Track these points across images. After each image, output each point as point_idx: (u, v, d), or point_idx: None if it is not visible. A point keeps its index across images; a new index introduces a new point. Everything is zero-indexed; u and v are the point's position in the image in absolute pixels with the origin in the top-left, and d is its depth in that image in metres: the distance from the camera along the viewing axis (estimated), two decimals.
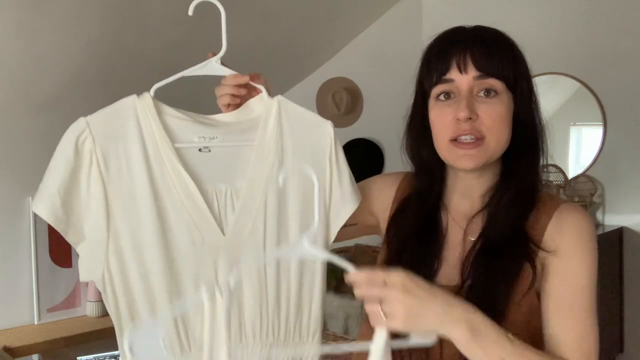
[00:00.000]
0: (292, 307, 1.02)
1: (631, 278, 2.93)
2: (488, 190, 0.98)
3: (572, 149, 3.27)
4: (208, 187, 0.99)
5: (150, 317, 0.94)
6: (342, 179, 1.04)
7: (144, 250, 0.94)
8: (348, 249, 3.75)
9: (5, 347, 2.43)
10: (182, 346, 0.97)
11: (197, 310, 0.96)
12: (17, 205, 2.73)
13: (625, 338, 2.94)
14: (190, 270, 0.97)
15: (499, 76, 0.92)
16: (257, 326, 1.00)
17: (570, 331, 0.91)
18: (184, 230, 0.96)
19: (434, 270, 0.96)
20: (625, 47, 2.93)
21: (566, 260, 0.93)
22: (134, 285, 0.94)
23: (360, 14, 3.62)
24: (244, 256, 0.99)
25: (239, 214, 0.99)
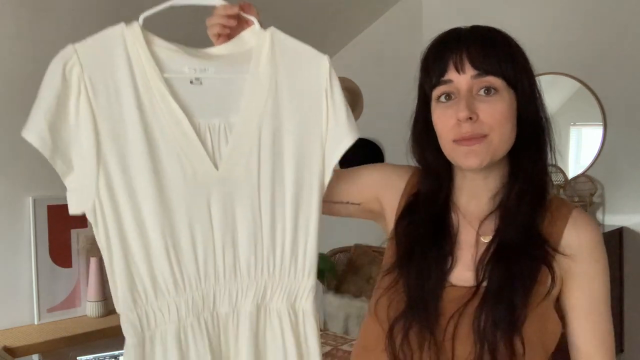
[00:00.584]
0: (287, 246, 1.00)
1: (631, 278, 2.94)
2: (497, 191, 0.97)
3: (572, 149, 3.27)
4: (200, 121, 0.96)
5: (143, 254, 0.92)
6: (338, 114, 1.01)
7: (135, 181, 0.92)
8: (348, 249, 3.76)
9: (5, 347, 2.43)
10: (177, 284, 0.95)
11: (191, 246, 0.95)
12: (17, 205, 2.73)
13: (625, 338, 2.94)
14: (183, 204, 0.94)
15: (497, 73, 0.91)
16: (252, 263, 0.98)
17: (594, 342, 0.95)
18: (176, 163, 0.94)
19: (447, 270, 0.95)
20: (625, 47, 2.93)
21: (586, 270, 0.95)
22: (125, 217, 0.92)
23: (360, 14, 3.62)
24: (237, 192, 0.96)
25: (232, 149, 0.97)
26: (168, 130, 0.94)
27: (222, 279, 0.97)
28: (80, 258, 2.94)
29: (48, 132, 0.90)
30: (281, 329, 1.00)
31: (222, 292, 0.97)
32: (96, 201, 0.91)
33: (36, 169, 2.84)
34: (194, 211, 0.95)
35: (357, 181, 1.09)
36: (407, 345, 0.91)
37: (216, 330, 0.97)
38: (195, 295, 0.96)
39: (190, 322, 0.96)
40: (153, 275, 0.94)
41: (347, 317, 3.28)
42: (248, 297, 0.98)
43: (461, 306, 0.91)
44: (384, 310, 0.95)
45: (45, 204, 2.79)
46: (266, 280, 0.99)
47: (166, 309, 0.94)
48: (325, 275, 3.51)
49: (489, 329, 0.88)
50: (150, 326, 0.94)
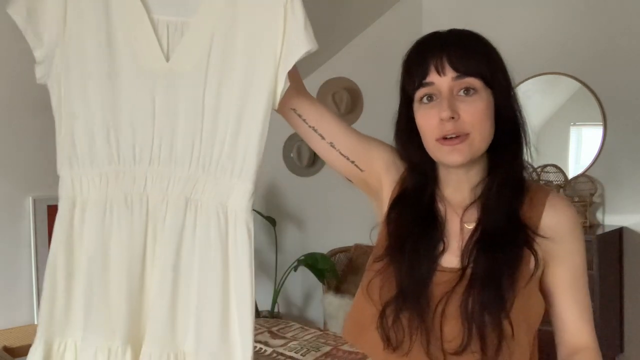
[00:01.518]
0: (227, 145, 1.03)
1: (631, 278, 2.94)
2: (478, 183, 1.03)
3: (572, 149, 3.27)
4: (159, 17, 1.05)
5: (86, 124, 1.03)
6: (297, 25, 1.04)
7: (88, 62, 1.03)
8: (348, 249, 3.76)
9: (5, 347, 2.43)
10: (111, 158, 1.03)
11: (130, 127, 1.03)
12: (17, 205, 2.73)
13: (625, 338, 2.94)
14: (130, 89, 1.03)
15: (475, 74, 0.97)
16: (188, 155, 1.03)
17: (577, 314, 1.02)
18: (129, 51, 1.03)
19: (438, 254, 1.01)
20: (625, 47, 2.93)
21: (567, 248, 1.01)
22: (75, 91, 1.03)
23: (360, 14, 3.63)
24: (184, 85, 1.03)
25: (184, 45, 1.04)
26: (128, 21, 1.04)
27: (156, 164, 1.03)
28: None
29: (25, 8, 1.01)
30: (208, 225, 1.02)
31: (155, 176, 1.03)
32: (54, 73, 1.04)
33: (36, 169, 2.84)
34: (139, 97, 1.03)
35: (369, 149, 1.13)
36: (398, 327, 0.96)
37: (143, 212, 1.03)
38: (127, 173, 1.03)
39: (117, 196, 1.03)
40: (92, 143, 1.03)
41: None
42: (179, 186, 1.03)
43: (449, 289, 0.96)
44: (376, 292, 1.01)
45: (45, 204, 2.79)
46: (200, 174, 1.03)
47: (97, 179, 1.03)
48: (325, 275, 3.51)
49: (477, 311, 0.93)
50: (82, 192, 1.03)
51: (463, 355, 0.92)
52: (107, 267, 1.01)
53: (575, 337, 1.01)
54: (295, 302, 4.07)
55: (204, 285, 1.01)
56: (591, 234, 2.74)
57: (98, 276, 1.01)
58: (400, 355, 0.97)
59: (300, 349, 2.49)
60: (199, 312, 1.01)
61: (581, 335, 1.01)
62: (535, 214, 1.01)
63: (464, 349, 0.92)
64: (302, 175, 4.00)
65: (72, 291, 1.02)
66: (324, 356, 2.42)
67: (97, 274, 1.01)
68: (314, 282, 3.73)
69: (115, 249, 1.01)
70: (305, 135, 1.12)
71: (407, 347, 0.96)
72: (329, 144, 1.10)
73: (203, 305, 1.00)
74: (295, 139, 3.85)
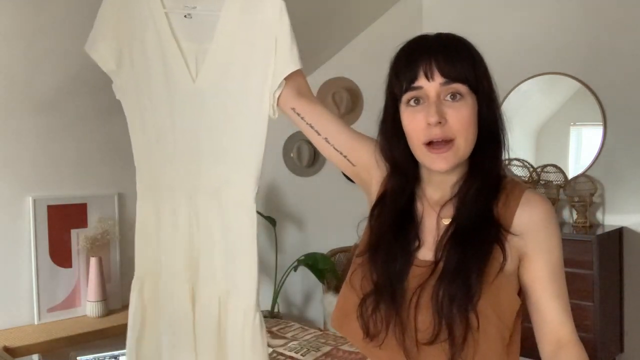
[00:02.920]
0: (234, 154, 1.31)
1: (631, 278, 2.94)
2: (457, 181, 1.08)
3: (572, 149, 3.27)
4: (186, 45, 1.30)
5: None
6: (282, 48, 1.26)
7: (142, 88, 1.32)
8: (348, 249, 3.76)
9: (5, 347, 2.43)
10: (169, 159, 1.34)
11: (172, 137, 1.32)
12: (17, 205, 2.73)
13: (625, 338, 2.94)
14: (163, 111, 1.30)
15: (462, 80, 1.01)
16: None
17: (557, 308, 1.03)
18: (162, 74, 1.30)
19: (414, 250, 1.06)
20: (625, 47, 2.93)
21: (542, 244, 1.04)
22: (135, 111, 1.33)
23: (360, 14, 3.62)
24: (204, 98, 1.29)
25: (207, 69, 1.29)
26: (164, 50, 1.30)
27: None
28: (80, 258, 2.94)
29: (103, 42, 1.30)
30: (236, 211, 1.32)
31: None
32: (124, 92, 1.33)
33: (36, 169, 2.84)
34: (176, 116, 1.31)
35: (360, 146, 1.21)
36: (376, 318, 1.02)
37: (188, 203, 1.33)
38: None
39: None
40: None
41: None
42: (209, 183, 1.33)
43: (422, 282, 1.01)
44: (358, 281, 1.07)
45: (45, 204, 2.79)
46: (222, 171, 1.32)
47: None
48: (325, 275, 3.51)
49: (446, 303, 0.97)
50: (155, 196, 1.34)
51: (434, 345, 0.97)
52: (175, 235, 1.34)
53: (557, 331, 1.03)
54: (295, 302, 4.07)
55: (239, 244, 1.31)
56: (591, 234, 2.74)
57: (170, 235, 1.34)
58: (375, 345, 1.02)
59: (300, 349, 2.49)
60: (236, 262, 1.31)
61: (562, 328, 1.02)
62: (509, 211, 1.04)
63: (434, 339, 0.97)
64: (302, 175, 4.00)
65: (159, 243, 1.35)
66: (324, 356, 2.42)
67: (169, 237, 1.34)
68: (314, 282, 3.73)
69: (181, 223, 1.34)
70: (305, 131, 1.25)
71: (383, 337, 1.01)
72: (324, 139, 1.22)
73: (239, 257, 1.31)
74: (295, 139, 3.85)
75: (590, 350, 1.04)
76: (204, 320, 1.33)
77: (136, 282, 1.36)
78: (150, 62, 1.30)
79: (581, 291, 2.64)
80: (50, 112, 2.70)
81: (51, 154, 2.80)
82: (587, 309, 2.64)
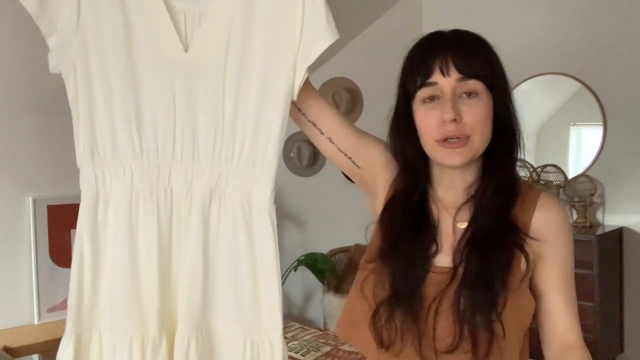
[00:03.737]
0: (247, 141, 1.02)
1: (631, 278, 2.94)
2: (472, 183, 1.04)
3: (572, 149, 3.27)
4: (177, 4, 1.03)
5: (107, 116, 1.00)
6: (317, 13, 1.03)
7: (107, 49, 1.00)
8: (348, 249, 3.76)
9: (5, 347, 2.43)
10: (134, 150, 1.01)
11: (152, 119, 1.01)
12: (17, 205, 2.73)
13: (625, 338, 2.94)
14: (150, 79, 1.01)
15: (478, 77, 0.98)
16: (210, 148, 1.02)
17: (566, 312, 1.02)
18: (148, 40, 1.01)
19: (431, 255, 1.02)
20: (625, 47, 2.93)
21: (557, 248, 1.02)
22: (95, 79, 1.00)
23: (360, 14, 3.62)
24: (203, 76, 1.02)
25: (202, 35, 1.02)
26: (145, 9, 1.01)
27: (179, 157, 1.02)
28: None
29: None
30: (234, 218, 1.02)
31: (178, 169, 1.02)
32: (70, 61, 1.00)
33: (36, 169, 2.84)
34: (159, 87, 1.01)
35: (366, 147, 1.12)
36: (390, 327, 0.97)
37: (168, 206, 1.02)
38: (151, 166, 1.02)
39: (142, 190, 1.01)
40: (114, 136, 1.00)
41: None
42: (203, 179, 1.02)
43: (442, 289, 0.97)
44: (370, 290, 1.01)
45: (45, 204, 2.78)
46: (223, 167, 1.03)
47: (121, 172, 1.01)
48: (326, 275, 3.51)
49: (469, 312, 0.94)
50: (105, 185, 1.02)
51: (454, 353, 0.94)
52: (135, 259, 1.00)
53: (564, 335, 1.02)
54: (295, 302, 4.07)
55: (234, 268, 1.02)
56: (591, 234, 2.74)
57: (127, 268, 1.00)
58: (392, 355, 0.98)
59: (300, 349, 2.49)
60: (230, 292, 1.02)
61: (570, 333, 1.02)
62: (527, 215, 1.02)
63: (455, 347, 0.93)
64: (302, 175, 4.00)
65: (100, 284, 1.01)
66: (324, 356, 2.42)
67: (126, 266, 1.00)
68: (314, 282, 3.73)
69: (143, 241, 1.00)
70: (306, 129, 1.13)
71: (399, 347, 0.97)
72: (327, 139, 1.11)
73: (233, 285, 1.02)
74: (295, 139, 3.85)
75: (590, 350, 1.04)
76: None
77: (67, 343, 0.98)
78: (116, 26, 1.00)
79: (581, 291, 2.62)
80: (50, 112, 2.70)
81: (51, 154, 2.79)
82: (587, 309, 2.64)
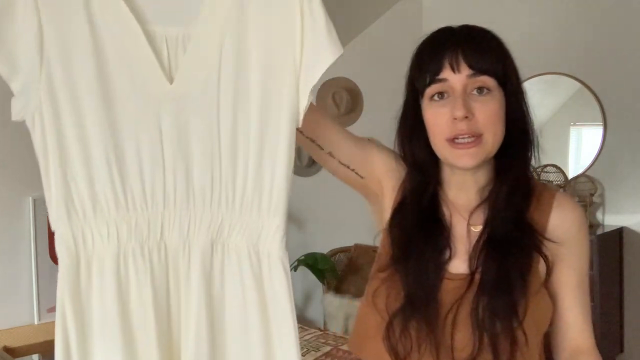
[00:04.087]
0: (250, 177, 0.88)
1: (631, 278, 2.94)
2: (485, 184, 1.00)
3: (572, 149, 3.27)
4: (156, 28, 0.86)
5: (83, 165, 0.84)
6: (317, 27, 0.88)
7: (79, 88, 0.83)
8: (348, 249, 3.76)
9: (5, 347, 2.43)
10: (118, 202, 0.85)
11: (136, 164, 0.86)
12: (17, 205, 2.73)
13: (625, 338, 2.94)
14: (130, 118, 0.85)
15: (490, 73, 0.93)
16: (208, 191, 0.88)
17: (580, 316, 1.00)
18: (125, 73, 0.85)
19: (445, 261, 0.97)
20: (625, 47, 2.93)
21: (574, 250, 0.99)
22: (66, 124, 0.84)
23: (360, 14, 3.62)
24: (193, 109, 0.86)
25: (189, 61, 0.86)
26: (118, 36, 0.84)
27: (172, 205, 0.87)
28: None
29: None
30: (240, 271, 0.89)
31: (172, 220, 0.87)
32: (35, 103, 0.83)
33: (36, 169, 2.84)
34: (142, 126, 0.86)
35: (368, 155, 1.07)
36: (406, 338, 0.93)
37: (162, 264, 0.87)
38: (140, 219, 0.86)
39: (132, 248, 0.86)
40: (92, 188, 0.85)
41: (347, 317, 3.28)
42: (202, 229, 0.88)
43: (459, 297, 0.93)
44: (382, 300, 0.97)
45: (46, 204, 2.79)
46: (224, 213, 0.89)
47: (105, 230, 0.85)
48: (325, 275, 3.51)
49: (488, 320, 0.90)
50: (86, 247, 0.85)
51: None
52: (129, 330, 0.86)
53: (577, 339, 1.00)
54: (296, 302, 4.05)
55: (243, 330, 0.88)
56: (591, 234, 2.74)
57: (119, 341, 0.85)
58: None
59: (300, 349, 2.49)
60: (241, 357, 0.89)
61: (582, 337, 1.00)
62: (543, 216, 0.98)
63: (475, 357, 0.90)
64: (302, 175, 4.00)
65: (90, 356, 0.86)
66: (324, 356, 2.42)
67: (118, 338, 0.85)
68: (314, 282, 3.73)
69: (136, 310, 0.86)
70: (304, 146, 1.06)
71: (416, 358, 0.93)
72: (327, 154, 1.05)
73: (244, 351, 0.89)
74: None
75: None
76: None
77: None
78: (87, 59, 0.84)
79: None
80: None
81: None
82: None
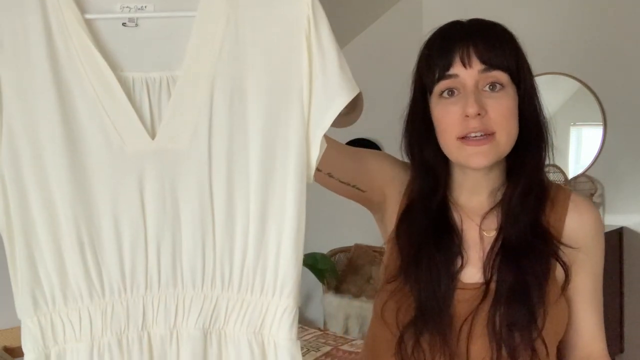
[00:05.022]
0: (251, 250, 0.75)
1: (631, 278, 2.94)
2: (498, 187, 0.94)
3: (572, 149, 3.27)
4: (134, 75, 0.73)
5: (51, 242, 0.72)
6: (327, 64, 0.74)
7: (45, 154, 0.71)
8: (348, 249, 3.76)
9: (5, 347, 2.43)
10: (92, 288, 0.72)
11: (114, 241, 0.72)
12: None
13: (625, 338, 2.94)
14: (106, 185, 0.72)
15: (503, 68, 0.89)
16: (199, 270, 0.74)
17: (594, 322, 0.96)
18: (98, 130, 0.72)
19: (457, 270, 0.91)
20: (625, 47, 2.93)
21: (591, 255, 0.95)
22: (31, 195, 0.71)
23: (360, 14, 3.63)
24: (181, 171, 0.73)
25: (174, 113, 0.72)
26: (89, 87, 0.71)
27: (155, 287, 0.74)
28: None
29: None
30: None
31: (156, 305, 0.74)
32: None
33: None
34: (120, 194, 0.72)
35: (368, 169, 1.01)
36: (419, 353, 0.87)
37: (145, 357, 0.73)
38: (117, 306, 0.73)
39: (108, 343, 0.73)
40: (62, 271, 0.72)
41: (347, 317, 3.28)
42: (192, 314, 0.74)
43: (474, 308, 0.88)
44: (392, 315, 0.90)
45: None
46: (219, 295, 0.75)
47: (77, 320, 0.73)
48: (325, 275, 3.51)
49: (506, 331, 0.85)
50: (57, 340, 0.73)
51: None
52: None
53: (590, 346, 0.95)
54: None
55: None
56: None
57: None
58: None
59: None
60: None
61: (595, 344, 0.96)
62: (558, 219, 0.94)
63: None
64: None
65: None
66: (324, 356, 2.42)
67: None
68: (314, 282, 3.73)
69: None
70: None
71: None
72: (326, 175, 0.98)
73: None
74: None
75: None
76: None
77: None
78: (51, 112, 0.71)
79: None
80: None
81: None
82: None
